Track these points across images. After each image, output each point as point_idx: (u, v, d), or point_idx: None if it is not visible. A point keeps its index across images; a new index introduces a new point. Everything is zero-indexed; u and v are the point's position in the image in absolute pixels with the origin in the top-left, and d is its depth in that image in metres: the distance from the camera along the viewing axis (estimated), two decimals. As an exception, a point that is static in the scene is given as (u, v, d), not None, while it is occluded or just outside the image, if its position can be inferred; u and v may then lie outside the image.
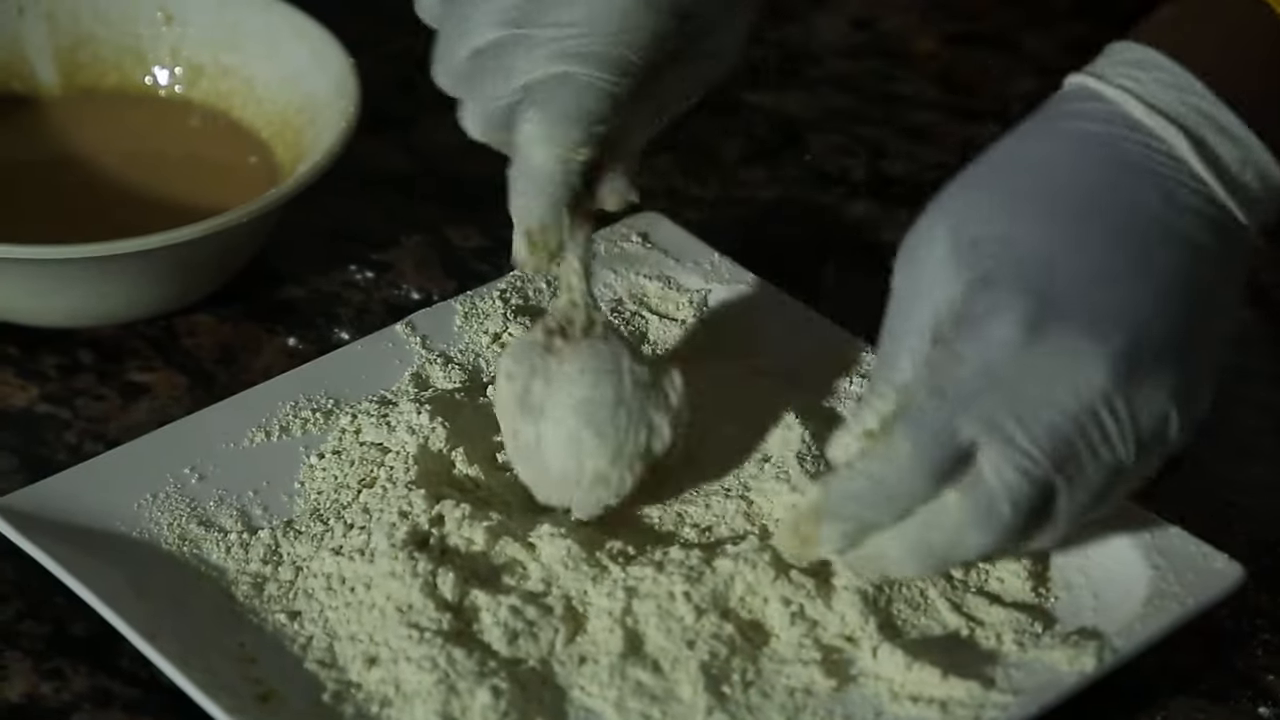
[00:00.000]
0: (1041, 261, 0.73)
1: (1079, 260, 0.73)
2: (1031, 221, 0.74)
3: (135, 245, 0.88)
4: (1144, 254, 0.73)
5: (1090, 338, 0.72)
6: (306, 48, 0.99)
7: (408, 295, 0.96)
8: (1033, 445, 0.72)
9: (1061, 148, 0.75)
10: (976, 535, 0.72)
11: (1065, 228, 0.73)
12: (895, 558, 0.74)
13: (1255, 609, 0.82)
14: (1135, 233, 0.73)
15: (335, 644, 0.77)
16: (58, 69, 1.02)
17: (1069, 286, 0.72)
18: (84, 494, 0.81)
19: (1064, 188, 0.74)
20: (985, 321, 0.72)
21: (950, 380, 0.72)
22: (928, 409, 0.72)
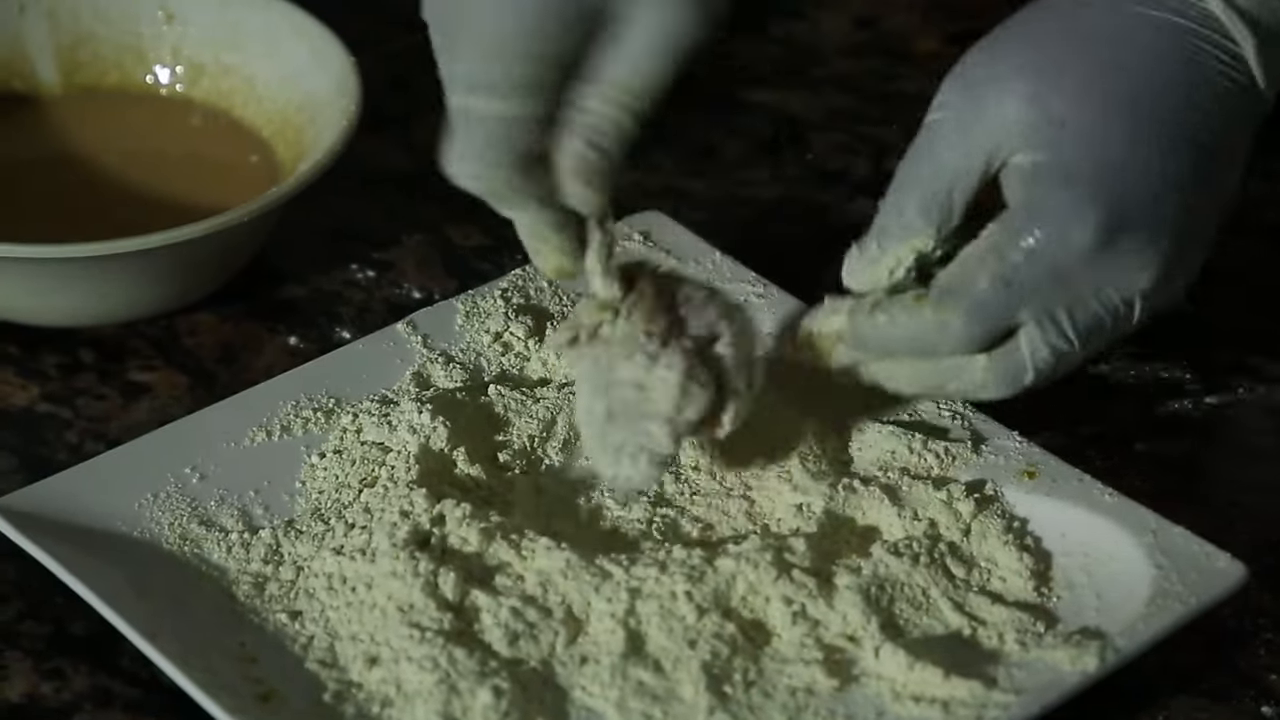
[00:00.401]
0: (1122, 167, 0.76)
1: (1153, 168, 0.76)
2: (1116, 118, 0.76)
3: (136, 244, 0.88)
4: (1204, 165, 0.77)
5: (1153, 248, 0.76)
6: (307, 46, 0.99)
7: (409, 294, 0.96)
8: (1073, 331, 0.77)
9: (1135, 29, 0.76)
10: (994, 390, 0.79)
11: (1145, 131, 0.76)
12: (903, 382, 0.79)
13: (1258, 608, 0.82)
14: (1200, 145, 0.76)
15: (336, 644, 0.77)
16: (58, 67, 1.02)
17: (1143, 195, 0.76)
18: (84, 494, 0.81)
19: (1141, 82, 0.76)
20: (1064, 222, 0.76)
21: (1016, 272, 0.76)
22: (991, 298, 0.76)
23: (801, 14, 1.16)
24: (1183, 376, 0.92)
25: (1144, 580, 0.78)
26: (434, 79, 1.10)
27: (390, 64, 1.10)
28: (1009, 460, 0.83)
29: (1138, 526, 0.80)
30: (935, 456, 0.83)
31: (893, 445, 0.84)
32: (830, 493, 0.82)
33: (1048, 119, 0.76)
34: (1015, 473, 0.83)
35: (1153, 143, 0.76)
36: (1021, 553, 0.80)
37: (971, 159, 0.77)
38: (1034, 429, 0.85)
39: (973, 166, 0.77)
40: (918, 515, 0.81)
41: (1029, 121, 0.76)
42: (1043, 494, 0.82)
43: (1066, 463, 0.83)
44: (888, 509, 0.81)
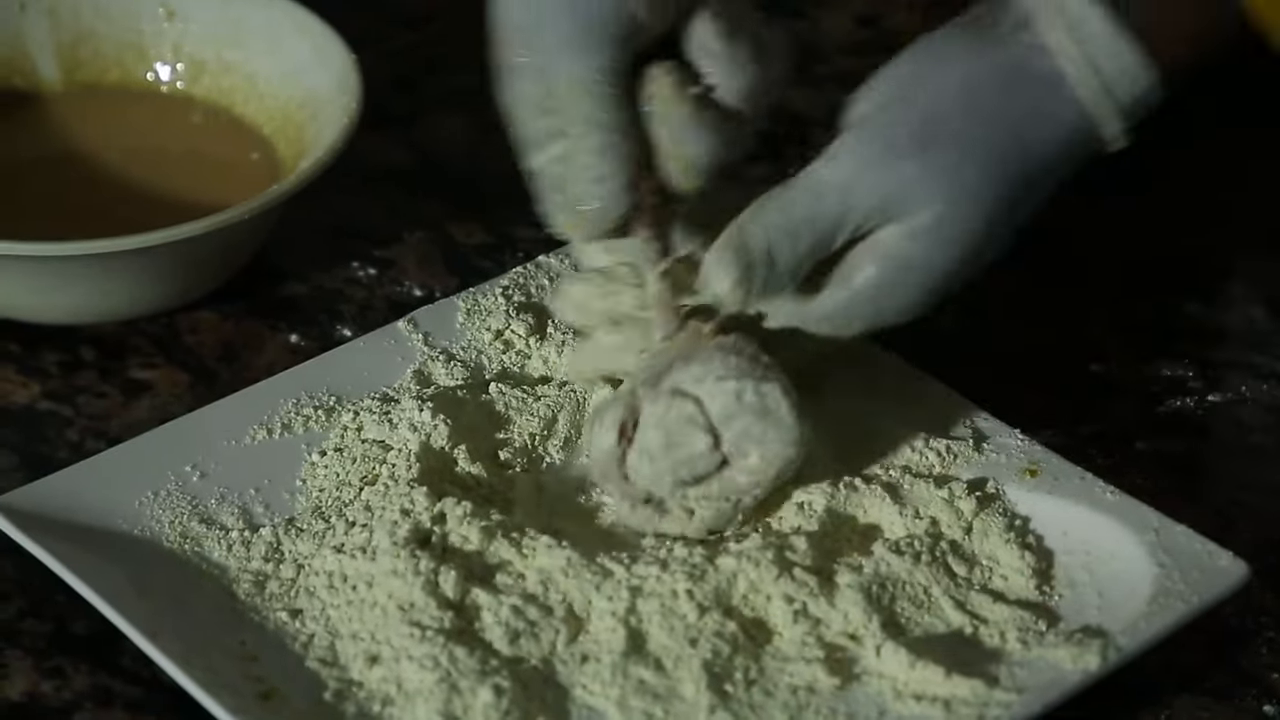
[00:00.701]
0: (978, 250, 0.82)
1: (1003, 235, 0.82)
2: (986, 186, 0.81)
3: (137, 242, 0.88)
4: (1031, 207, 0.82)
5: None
6: (308, 44, 0.99)
7: (410, 292, 0.96)
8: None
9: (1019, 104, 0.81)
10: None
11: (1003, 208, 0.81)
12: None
13: (1260, 607, 0.82)
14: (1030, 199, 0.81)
15: (337, 642, 0.77)
16: (59, 65, 1.02)
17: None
18: (85, 492, 0.81)
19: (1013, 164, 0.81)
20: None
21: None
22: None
23: (803, 12, 1.16)
24: (1185, 375, 0.92)
25: (1146, 579, 0.78)
26: (436, 78, 1.10)
27: (392, 62, 1.10)
28: (1010, 458, 0.83)
29: (1140, 525, 0.80)
30: (937, 454, 0.83)
31: (894, 443, 0.84)
32: (831, 491, 0.82)
33: (948, 235, 0.80)
34: (1017, 471, 0.83)
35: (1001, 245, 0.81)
36: (1023, 551, 0.80)
37: (847, 221, 0.80)
38: (1036, 427, 0.85)
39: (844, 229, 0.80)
40: (919, 513, 0.81)
41: (933, 224, 0.80)
42: (1044, 492, 0.82)
43: (1068, 461, 0.83)
44: (889, 507, 0.81)
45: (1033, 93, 0.80)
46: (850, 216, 0.79)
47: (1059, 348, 0.94)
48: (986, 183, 0.80)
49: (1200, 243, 1.00)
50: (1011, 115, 0.80)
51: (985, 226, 0.80)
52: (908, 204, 0.79)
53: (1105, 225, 1.01)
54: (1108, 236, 1.00)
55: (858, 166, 0.79)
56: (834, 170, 0.80)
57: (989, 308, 0.96)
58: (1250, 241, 1.00)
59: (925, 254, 0.80)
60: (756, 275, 0.79)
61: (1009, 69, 0.80)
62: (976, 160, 0.79)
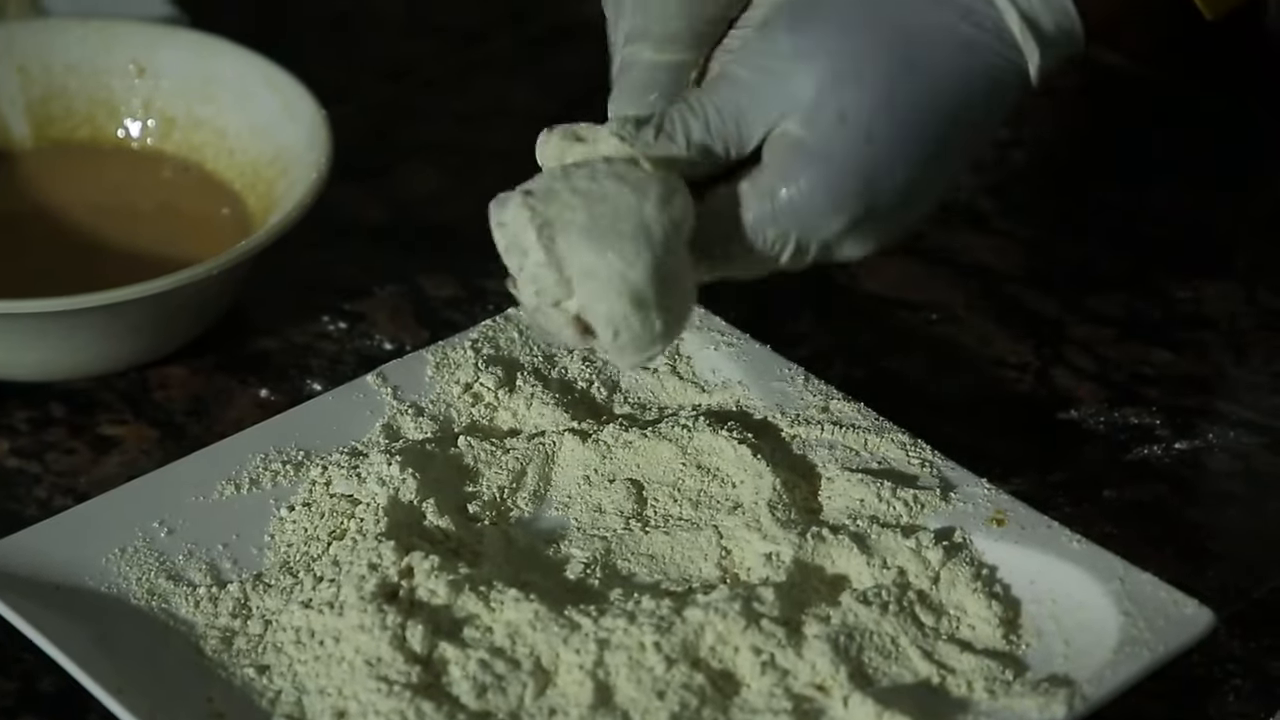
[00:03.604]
0: (881, 175, 0.78)
1: (913, 176, 0.78)
2: (891, 124, 0.78)
3: (107, 299, 0.88)
4: (956, 165, 0.80)
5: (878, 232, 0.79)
6: (278, 99, 0.99)
7: (380, 346, 0.96)
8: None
9: (934, 33, 0.78)
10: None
11: (913, 140, 0.78)
12: None
13: (1227, 655, 0.82)
14: (957, 148, 0.79)
15: (304, 698, 0.77)
16: (29, 122, 1.02)
17: (891, 200, 0.79)
18: (52, 549, 0.81)
19: (925, 91, 0.78)
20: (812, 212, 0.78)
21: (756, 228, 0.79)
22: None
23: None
24: (1152, 423, 0.92)
25: (1112, 627, 0.78)
26: (408, 131, 1.11)
27: (364, 115, 1.10)
28: (978, 507, 0.83)
29: (1106, 573, 0.80)
30: (904, 504, 0.84)
31: (861, 493, 0.84)
32: (799, 541, 0.82)
33: (835, 113, 0.77)
34: (984, 520, 0.83)
35: (919, 151, 0.78)
36: (990, 600, 0.80)
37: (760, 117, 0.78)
38: (1003, 475, 0.86)
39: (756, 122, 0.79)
40: (887, 563, 0.81)
41: (816, 105, 0.77)
42: (1011, 541, 0.82)
43: (1035, 509, 0.83)
44: (857, 557, 0.81)
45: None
46: (745, 106, 0.78)
47: (1026, 396, 0.94)
48: (867, 54, 0.77)
49: (1167, 289, 1.00)
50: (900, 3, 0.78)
51: (880, 107, 0.77)
52: (793, 88, 0.78)
53: (1072, 272, 1.02)
54: (1074, 283, 1.01)
55: (745, 60, 0.79)
56: (726, 69, 0.79)
57: (956, 355, 0.96)
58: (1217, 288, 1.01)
59: (820, 137, 0.77)
60: (641, 137, 0.78)
61: None
62: (852, 32, 0.77)
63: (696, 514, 0.84)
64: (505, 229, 0.78)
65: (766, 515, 0.83)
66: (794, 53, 0.78)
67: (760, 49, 0.78)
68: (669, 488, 0.85)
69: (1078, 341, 0.97)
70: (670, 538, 0.83)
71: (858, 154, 0.77)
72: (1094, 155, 0.80)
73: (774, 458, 0.85)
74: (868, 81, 0.77)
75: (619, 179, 0.77)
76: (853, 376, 0.91)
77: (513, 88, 1.15)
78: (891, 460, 0.86)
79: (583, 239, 0.76)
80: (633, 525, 0.84)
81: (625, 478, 0.85)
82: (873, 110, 0.77)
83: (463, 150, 1.09)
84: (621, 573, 0.82)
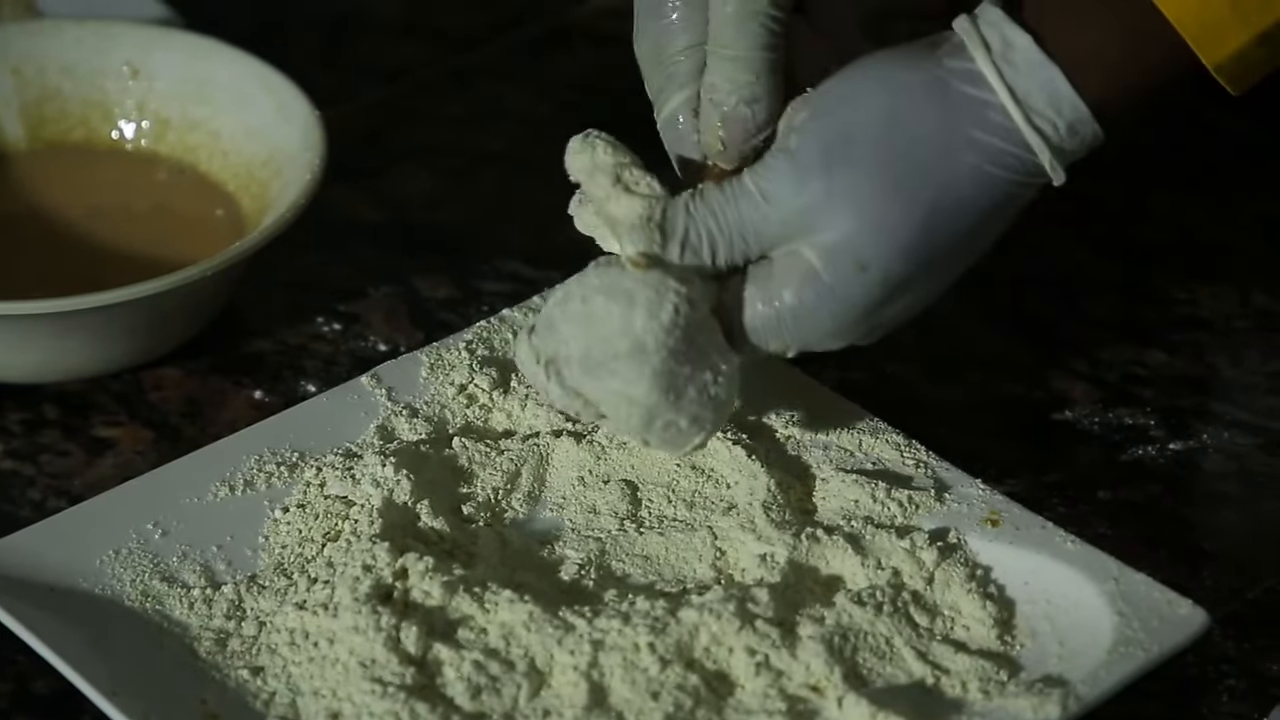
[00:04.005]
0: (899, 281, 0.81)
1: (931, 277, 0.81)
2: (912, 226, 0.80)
3: (101, 300, 0.88)
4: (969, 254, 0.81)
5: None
6: (273, 100, 0.99)
7: (375, 347, 0.96)
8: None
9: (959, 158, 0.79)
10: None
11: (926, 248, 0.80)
12: None
13: (1221, 655, 0.82)
14: (973, 237, 0.81)
15: (298, 699, 0.77)
16: (24, 123, 1.02)
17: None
18: (46, 551, 0.81)
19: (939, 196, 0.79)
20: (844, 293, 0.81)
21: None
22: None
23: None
24: (1147, 424, 0.92)
25: (1106, 628, 0.78)
26: (403, 132, 1.11)
27: (359, 117, 1.10)
28: (972, 508, 0.83)
29: (1100, 574, 0.80)
30: (898, 505, 0.84)
31: (856, 494, 0.84)
32: (794, 542, 0.82)
33: (854, 261, 0.79)
34: (978, 520, 0.83)
35: (929, 286, 0.81)
36: (985, 601, 0.80)
37: (765, 232, 0.80)
38: (998, 476, 0.86)
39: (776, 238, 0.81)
40: (881, 564, 0.81)
41: (837, 249, 0.80)
42: (1006, 542, 0.82)
43: (1030, 510, 0.83)
44: (851, 558, 0.81)
45: (956, 118, 0.79)
46: (766, 229, 0.80)
47: (1021, 397, 0.94)
48: (896, 209, 0.79)
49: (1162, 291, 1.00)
50: (931, 140, 0.79)
51: (900, 256, 0.79)
52: (817, 224, 0.79)
53: (1067, 273, 1.02)
54: (1069, 284, 1.01)
55: (775, 180, 0.80)
56: (756, 180, 0.80)
57: (951, 357, 0.96)
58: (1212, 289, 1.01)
59: (838, 278, 0.79)
60: (667, 251, 0.80)
61: (934, 91, 0.79)
62: (885, 185, 0.79)
63: (691, 515, 0.84)
64: (524, 365, 0.81)
65: (761, 516, 0.83)
66: (825, 195, 0.79)
67: (789, 179, 0.79)
68: (663, 489, 0.85)
69: (1072, 342, 0.97)
70: (665, 539, 0.83)
71: (868, 296, 0.80)
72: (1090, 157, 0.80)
73: (769, 459, 0.85)
74: (893, 238, 0.79)
75: (608, 295, 0.79)
76: (848, 378, 0.91)
77: (508, 91, 1.15)
78: (886, 461, 0.86)
79: (583, 373, 0.79)
80: (627, 526, 0.84)
81: (620, 479, 0.85)
82: (891, 262, 0.79)
83: (458, 153, 1.09)
84: (616, 574, 0.82)
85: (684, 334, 0.79)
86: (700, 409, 0.80)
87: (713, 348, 0.80)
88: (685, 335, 0.79)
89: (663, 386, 0.79)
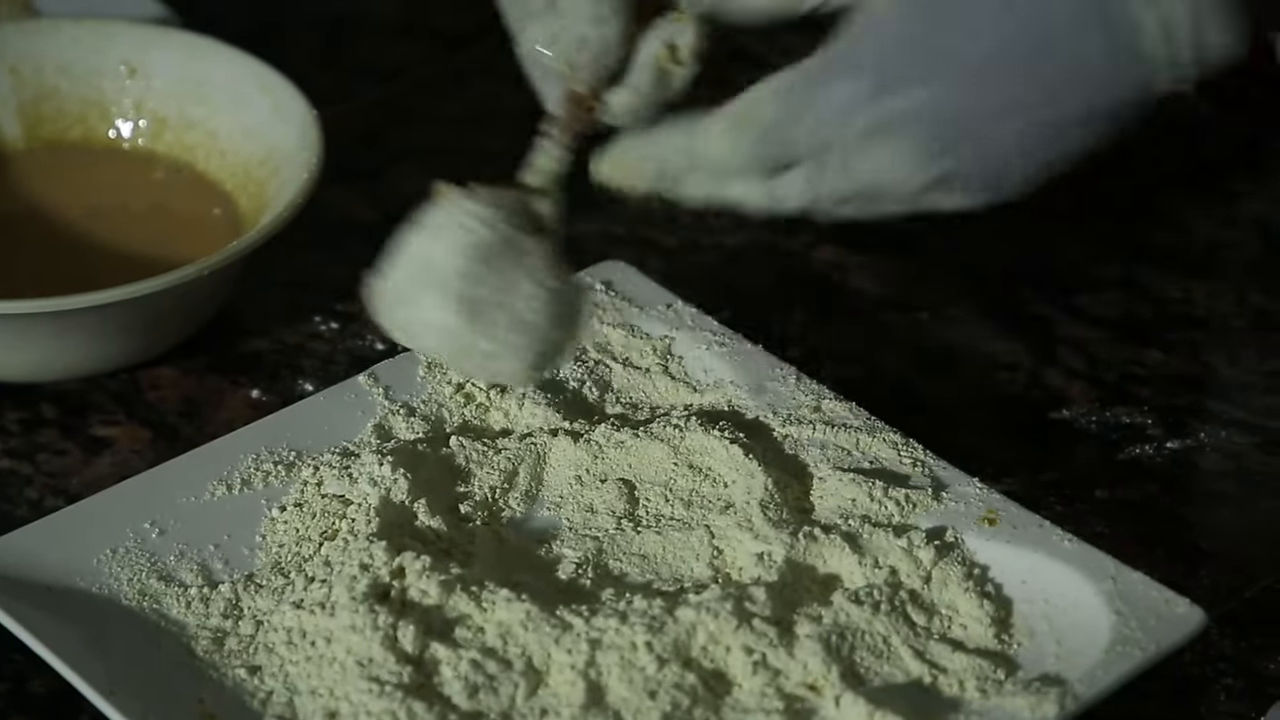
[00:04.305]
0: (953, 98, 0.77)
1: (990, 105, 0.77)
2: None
3: (98, 299, 0.88)
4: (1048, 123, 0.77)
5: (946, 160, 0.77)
6: (270, 100, 0.99)
7: (372, 346, 0.96)
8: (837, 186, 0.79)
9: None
10: (759, 205, 0.80)
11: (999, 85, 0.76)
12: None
13: (1218, 654, 0.82)
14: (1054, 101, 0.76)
15: (295, 698, 0.77)
16: (21, 122, 1.02)
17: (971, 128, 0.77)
18: (43, 550, 0.80)
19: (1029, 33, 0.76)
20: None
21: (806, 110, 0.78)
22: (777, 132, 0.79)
23: (764, 61, 1.16)
24: (1144, 422, 0.92)
25: (1104, 626, 0.78)
26: (400, 132, 1.11)
27: (356, 116, 1.10)
28: (969, 507, 0.83)
29: (1097, 573, 0.80)
30: (896, 504, 0.84)
31: (853, 493, 0.84)
32: (791, 541, 0.82)
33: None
34: (976, 519, 0.83)
35: (1001, 91, 0.76)
36: (982, 600, 0.80)
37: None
38: (995, 475, 0.86)
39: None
40: (878, 563, 0.81)
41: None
42: (1003, 541, 0.82)
43: (1027, 509, 0.83)
44: (848, 557, 0.81)
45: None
46: (861, 92, 0.77)
47: (1018, 395, 0.94)
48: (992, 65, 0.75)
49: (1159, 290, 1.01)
50: (1047, 17, 0.75)
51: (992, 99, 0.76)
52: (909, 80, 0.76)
53: (1064, 271, 1.02)
54: (1066, 283, 1.01)
55: (877, 44, 0.77)
56: (855, 48, 0.77)
57: (948, 356, 0.96)
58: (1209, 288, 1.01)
59: (913, 120, 0.76)
60: (768, 147, 0.78)
61: None
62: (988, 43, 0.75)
63: (688, 514, 0.84)
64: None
65: (758, 515, 0.83)
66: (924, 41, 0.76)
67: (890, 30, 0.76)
68: (661, 488, 0.85)
69: (1070, 341, 0.97)
70: (662, 538, 0.83)
71: (952, 135, 0.76)
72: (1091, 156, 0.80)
73: (766, 457, 0.85)
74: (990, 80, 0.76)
75: (413, 228, 0.80)
76: (845, 376, 0.91)
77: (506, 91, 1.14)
78: (883, 460, 0.86)
79: (397, 304, 0.80)
80: (624, 525, 0.84)
81: (617, 478, 0.85)
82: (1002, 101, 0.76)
83: (456, 153, 1.09)
84: (613, 573, 0.82)
85: (481, 256, 0.78)
86: (513, 334, 0.79)
87: (525, 271, 0.79)
88: (482, 258, 0.78)
89: (464, 311, 0.78)
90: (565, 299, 0.80)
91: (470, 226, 0.79)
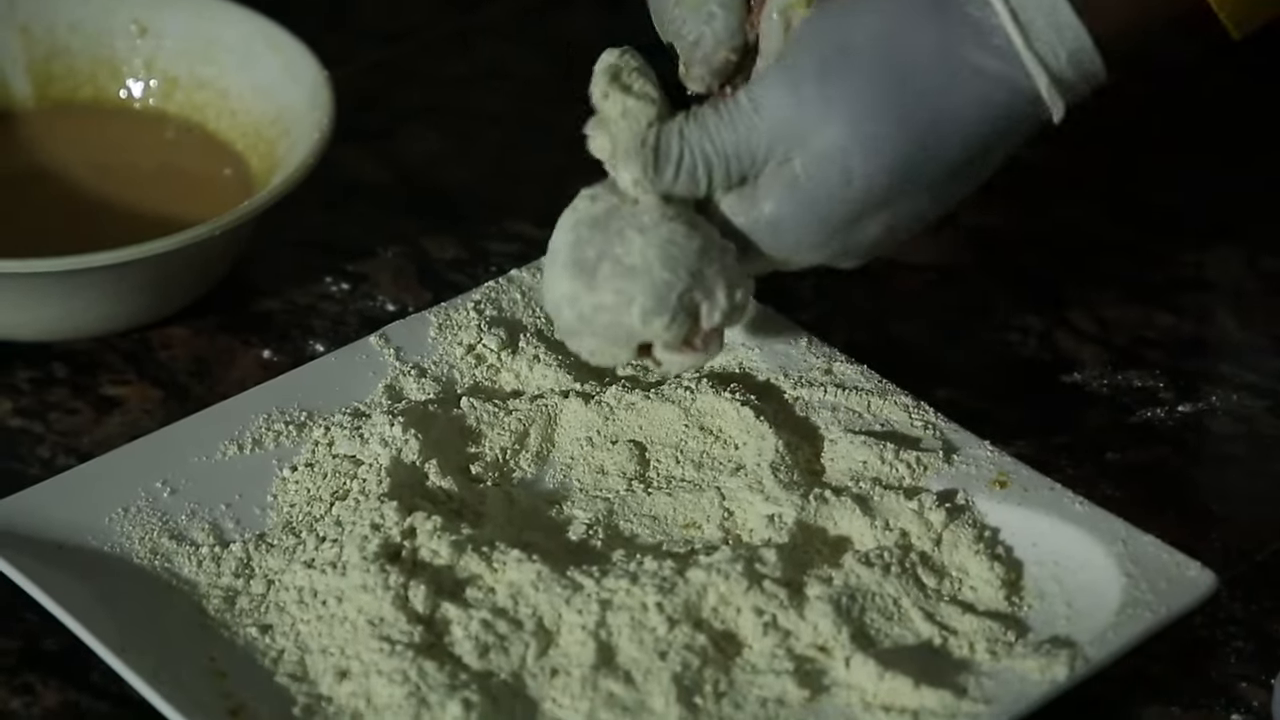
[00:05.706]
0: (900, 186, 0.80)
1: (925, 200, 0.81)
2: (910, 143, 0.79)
3: (109, 259, 0.88)
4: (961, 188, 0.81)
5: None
6: (280, 60, 0.99)
7: (383, 307, 0.96)
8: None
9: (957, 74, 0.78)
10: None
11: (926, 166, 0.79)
12: None
13: (1229, 617, 0.82)
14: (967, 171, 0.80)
15: (306, 657, 0.77)
16: (32, 82, 1.02)
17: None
18: (55, 508, 0.81)
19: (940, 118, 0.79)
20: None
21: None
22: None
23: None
24: (1155, 385, 0.92)
25: (1114, 589, 0.78)
26: (410, 93, 1.11)
27: (366, 77, 1.10)
28: (980, 469, 0.83)
29: (1108, 536, 0.80)
30: (907, 466, 0.84)
31: (864, 455, 0.84)
32: (802, 503, 0.82)
33: (841, 171, 0.79)
34: (986, 482, 0.83)
35: (915, 207, 0.80)
36: (993, 562, 0.80)
37: (757, 145, 0.80)
38: (1006, 438, 0.85)
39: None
40: (889, 525, 0.81)
41: (825, 157, 0.79)
42: (1014, 503, 0.82)
43: (1038, 472, 0.83)
44: (859, 519, 0.81)
45: (957, 37, 0.78)
46: (758, 140, 0.79)
47: (1029, 359, 0.94)
48: (888, 121, 0.78)
49: (1170, 254, 1.00)
50: (929, 57, 0.78)
51: (886, 169, 0.78)
52: (807, 132, 0.78)
53: (1075, 235, 1.01)
54: (1077, 246, 1.01)
55: (769, 89, 0.79)
56: (751, 95, 0.79)
57: (959, 319, 0.96)
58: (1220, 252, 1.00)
59: (820, 186, 0.79)
60: (661, 178, 0.80)
61: (935, 8, 0.78)
62: (879, 96, 0.78)
63: (699, 475, 0.84)
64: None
65: (769, 477, 0.83)
66: (818, 101, 0.78)
67: (783, 87, 0.79)
68: (671, 449, 0.85)
69: (1081, 304, 0.97)
70: (673, 499, 0.83)
71: (849, 208, 0.79)
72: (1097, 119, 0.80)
73: (777, 420, 0.85)
74: (881, 151, 0.78)
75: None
76: (856, 339, 0.91)
77: (511, 51, 1.14)
78: (894, 422, 0.86)
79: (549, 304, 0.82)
80: (635, 487, 0.84)
81: (628, 439, 0.85)
82: (876, 174, 0.78)
83: (462, 114, 1.09)
84: (624, 534, 0.82)
85: (588, 223, 0.80)
86: (620, 280, 0.79)
87: (629, 222, 0.80)
88: (589, 224, 0.80)
89: (575, 275, 0.79)
90: (675, 241, 0.80)
91: (577, 205, 0.80)
